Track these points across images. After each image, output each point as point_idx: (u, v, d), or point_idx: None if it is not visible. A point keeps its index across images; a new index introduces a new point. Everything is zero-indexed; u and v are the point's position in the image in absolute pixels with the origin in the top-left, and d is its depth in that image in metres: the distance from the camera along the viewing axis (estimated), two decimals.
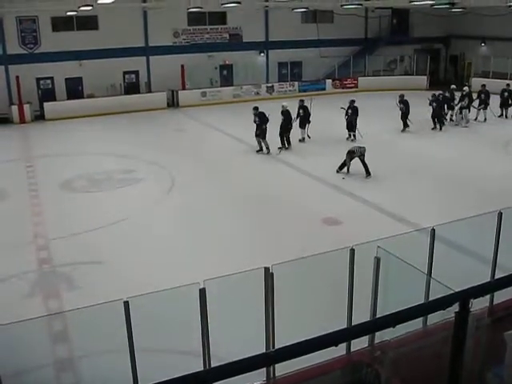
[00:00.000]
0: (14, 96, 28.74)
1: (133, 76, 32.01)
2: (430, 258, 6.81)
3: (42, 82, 30.29)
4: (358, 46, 35.77)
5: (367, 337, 6.15)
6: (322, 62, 34.33)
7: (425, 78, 33.64)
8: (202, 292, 5.46)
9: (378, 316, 5.93)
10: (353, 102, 20.08)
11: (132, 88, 31.69)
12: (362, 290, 6.34)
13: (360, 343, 6.08)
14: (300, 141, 19.80)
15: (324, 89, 33.58)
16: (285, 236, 11.60)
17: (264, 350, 5.90)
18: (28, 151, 17.58)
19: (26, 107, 28.20)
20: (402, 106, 21.25)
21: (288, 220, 12.57)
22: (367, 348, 6.24)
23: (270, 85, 33.18)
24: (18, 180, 16.21)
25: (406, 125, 21.46)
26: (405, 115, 21.31)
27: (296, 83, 33.65)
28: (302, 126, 19.85)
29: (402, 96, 21.40)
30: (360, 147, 15.61)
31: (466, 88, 23.07)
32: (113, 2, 21.42)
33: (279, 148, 18.56)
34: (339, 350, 5.57)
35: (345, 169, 15.59)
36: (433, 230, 6.70)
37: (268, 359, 3.80)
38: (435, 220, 7.62)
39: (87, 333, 7.23)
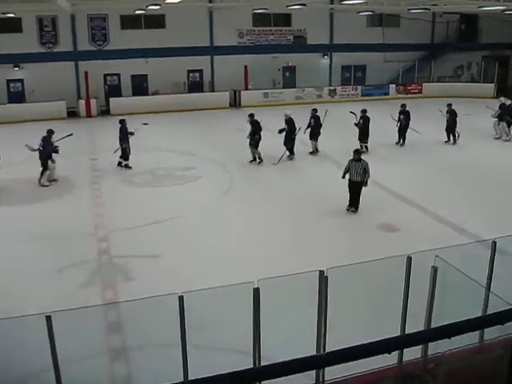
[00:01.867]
0: (82, 91, 29.70)
1: (197, 75, 32.48)
2: (489, 271, 6.61)
3: (109, 78, 31.17)
4: (423, 51, 35.09)
5: (420, 347, 6.03)
6: (386, 66, 33.89)
7: (492, 85, 32.65)
8: (256, 291, 5.48)
9: (432, 327, 5.81)
10: (365, 111, 18.94)
11: (195, 86, 32.17)
12: (417, 299, 6.22)
13: (413, 353, 5.96)
14: (311, 153, 18.73)
15: (387, 94, 33.14)
16: (340, 240, 11.52)
17: (314, 353, 5.89)
18: (93, 144, 18.11)
19: (93, 102, 29.09)
20: (448, 115, 20.03)
21: (343, 224, 12.47)
22: (420, 359, 6.12)
23: (332, 88, 32.98)
24: (83, 172, 16.71)
25: (452, 136, 20.16)
26: (451, 127, 20.06)
27: (359, 87, 33.36)
28: (312, 137, 18.57)
29: (449, 105, 20.24)
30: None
31: (501, 98, 21.62)
32: (180, 2, 21.78)
33: (288, 157, 17.84)
34: (391, 359, 5.49)
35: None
36: (494, 243, 6.51)
37: (319, 362, 3.76)
38: (497, 232, 7.39)
39: (141, 325, 7.39)
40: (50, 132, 16.06)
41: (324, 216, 12.85)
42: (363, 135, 18.83)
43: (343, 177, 13.13)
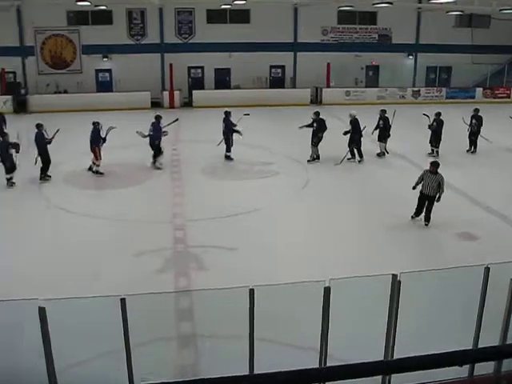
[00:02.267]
0: (167, 82, 30.45)
1: (279, 70, 32.59)
2: None
3: (192, 70, 31.84)
4: None
5: (493, 362, 5.83)
6: (473, 68, 32.67)
7: None
8: (327, 290, 5.48)
9: (508, 343, 5.62)
10: (439, 114, 18.04)
11: (277, 82, 32.29)
12: (494, 312, 6.02)
13: (485, 368, 5.78)
14: (378, 155, 18.15)
15: (473, 97, 31.88)
16: (413, 245, 11.27)
17: (382, 358, 5.82)
18: (174, 135, 18.49)
19: (177, 94, 29.80)
20: (475, 121, 18.69)
21: (417, 230, 12.17)
22: (492, 374, 5.92)
23: (416, 89, 32.20)
24: (164, 161, 17.13)
25: (474, 144, 18.92)
26: (474, 134, 18.80)
27: (443, 89, 32.37)
28: (381, 139, 17.97)
29: (476, 110, 18.87)
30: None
31: None
32: None
33: (348, 159, 17.32)
34: (461, 372, 5.36)
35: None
36: None
37: (387, 368, 3.69)
38: None
39: (211, 314, 7.53)
40: (159, 117, 16.76)
41: (397, 220, 12.57)
42: (435, 139, 18.15)
43: (414, 187, 12.20)
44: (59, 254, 10.47)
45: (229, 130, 17.22)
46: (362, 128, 17.23)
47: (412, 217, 12.36)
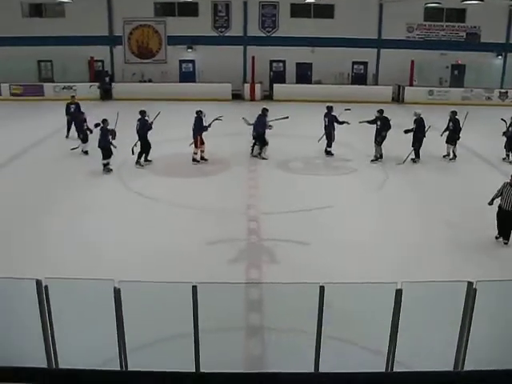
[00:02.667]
0: (248, 75, 30.72)
1: (361, 67, 32.18)
2: None
3: (274, 64, 31.94)
4: None
5: None
6: None
7: None
8: (399, 293, 5.38)
9: None
10: None
11: (359, 79, 31.90)
12: None
13: None
14: (444, 157, 17.31)
15: None
16: (490, 252, 10.81)
17: (451, 369, 5.67)
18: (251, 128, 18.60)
19: (257, 86, 30.02)
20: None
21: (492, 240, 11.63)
22: None
23: (503, 91, 30.86)
24: (241, 153, 17.32)
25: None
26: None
27: None
28: (450, 141, 17.08)
29: None
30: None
31: None
32: None
33: (412, 159, 16.72)
34: None
35: None
36: None
37: (458, 378, 3.58)
38: None
39: (280, 308, 7.56)
40: (265, 111, 17.03)
41: (478, 226, 12.08)
42: (509, 144, 17.17)
43: (491, 203, 10.92)
44: (135, 239, 10.80)
45: (332, 124, 17.14)
46: (426, 128, 16.68)
47: (496, 237, 11.03)
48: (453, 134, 17.03)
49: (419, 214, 12.69)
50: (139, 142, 15.87)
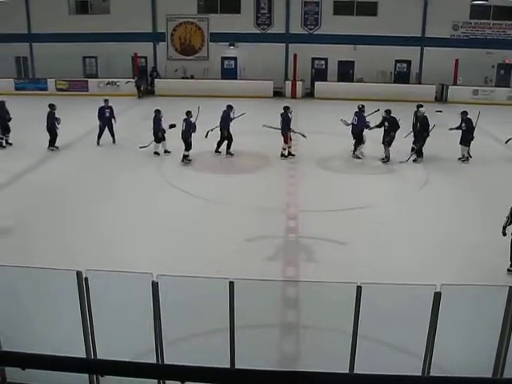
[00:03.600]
0: (290, 72, 30.67)
1: (404, 65, 31.79)
2: None
3: (316, 61, 31.83)
4: None
5: None
6: None
7: None
8: (437, 296, 5.30)
9: None
10: None
11: (402, 77, 31.52)
12: None
13: None
14: (460, 159, 16.67)
15: None
16: None
17: (490, 376, 5.56)
18: (294, 125, 18.55)
19: (299, 84, 29.97)
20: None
21: None
22: None
23: None
24: (280, 150, 17.29)
25: None
26: None
27: None
28: (463, 142, 16.55)
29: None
30: None
31: None
32: None
33: (414, 160, 16.43)
34: None
35: None
36: None
37: None
38: None
39: (316, 306, 7.53)
40: (362, 107, 16.92)
41: None
42: None
43: (504, 233, 9.07)
44: (173, 234, 10.92)
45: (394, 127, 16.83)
46: (431, 127, 16.38)
47: (508, 270, 9.28)
48: (466, 134, 16.50)
49: (462, 215, 12.47)
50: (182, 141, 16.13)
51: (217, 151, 16.96)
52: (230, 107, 16.89)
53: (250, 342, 6.39)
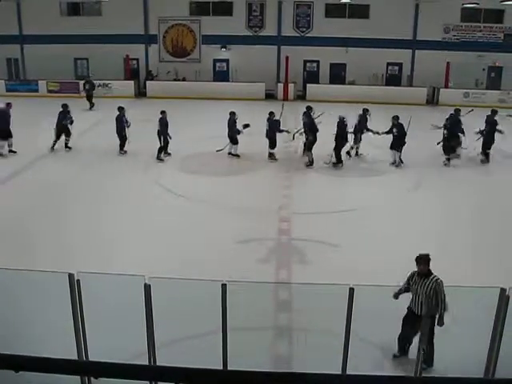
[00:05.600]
0: (282, 75, 30.71)
1: (396, 68, 31.91)
2: None
3: (308, 64, 31.87)
4: None
5: None
6: None
7: None
8: None
9: None
10: None
11: (393, 80, 31.62)
12: None
13: None
14: (392, 164, 16.60)
15: None
16: None
17: (482, 376, 5.59)
18: (285, 126, 18.50)
19: (291, 86, 29.96)
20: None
21: None
22: None
23: None
24: (279, 154, 17.27)
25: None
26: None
27: None
28: (395, 147, 16.45)
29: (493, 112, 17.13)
30: None
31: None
32: None
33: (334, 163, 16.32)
34: None
35: None
36: None
37: None
38: None
39: (309, 308, 7.55)
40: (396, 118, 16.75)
41: None
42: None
43: (396, 297, 6.84)
44: (163, 236, 10.90)
45: (404, 136, 16.70)
46: (348, 130, 16.48)
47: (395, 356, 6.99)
48: (397, 139, 16.45)
49: (453, 217, 12.52)
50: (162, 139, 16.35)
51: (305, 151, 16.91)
52: (309, 108, 16.86)
53: (242, 343, 6.39)
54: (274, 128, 16.62)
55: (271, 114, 16.78)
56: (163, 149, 16.42)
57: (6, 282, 6.01)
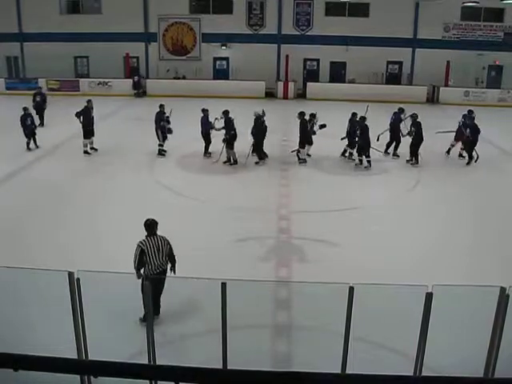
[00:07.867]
0: (282, 73, 30.70)
1: (396, 67, 31.90)
2: None
3: (308, 62, 31.85)
4: None
5: None
6: None
7: None
8: (429, 296, 5.32)
9: None
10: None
11: (393, 78, 31.61)
12: None
13: None
14: (408, 162, 16.58)
15: None
16: None
17: (481, 375, 5.58)
18: (285, 125, 18.59)
19: (291, 85, 29.95)
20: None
21: None
22: None
23: None
24: (274, 151, 17.26)
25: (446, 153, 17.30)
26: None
27: None
28: (415, 146, 16.34)
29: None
30: None
31: None
32: None
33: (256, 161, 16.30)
34: None
35: None
36: None
37: None
38: None
39: (309, 307, 7.55)
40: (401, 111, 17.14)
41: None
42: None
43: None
44: (163, 235, 10.87)
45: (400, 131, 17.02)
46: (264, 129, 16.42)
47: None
48: (356, 137, 16.32)
49: (454, 216, 12.51)
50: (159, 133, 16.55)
51: (386, 151, 17.22)
52: (354, 114, 16.68)
53: (242, 342, 6.38)
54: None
55: (312, 115, 16.56)
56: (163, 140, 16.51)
57: (6, 281, 6.00)
